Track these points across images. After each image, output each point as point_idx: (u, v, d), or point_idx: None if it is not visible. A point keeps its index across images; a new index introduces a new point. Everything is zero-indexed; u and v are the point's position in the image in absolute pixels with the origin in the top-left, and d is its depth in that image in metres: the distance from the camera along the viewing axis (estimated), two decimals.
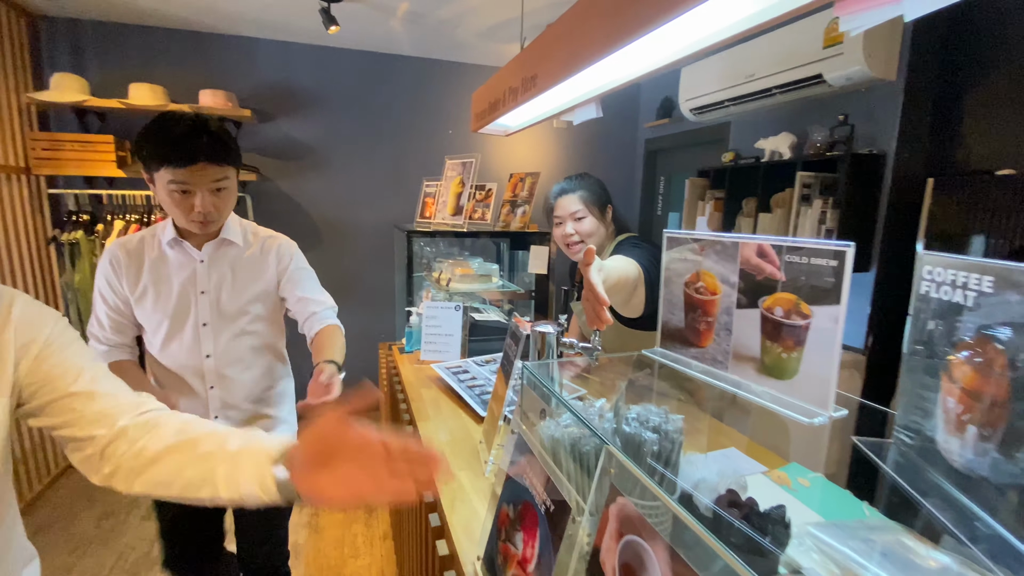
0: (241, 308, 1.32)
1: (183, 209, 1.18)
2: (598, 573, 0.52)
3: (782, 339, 0.69)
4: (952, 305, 0.48)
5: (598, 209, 1.56)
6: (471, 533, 0.93)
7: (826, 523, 0.85)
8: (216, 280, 1.30)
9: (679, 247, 0.89)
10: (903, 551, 0.74)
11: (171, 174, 1.12)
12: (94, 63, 2.79)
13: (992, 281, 0.44)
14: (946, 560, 0.72)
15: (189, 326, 1.28)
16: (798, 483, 1.00)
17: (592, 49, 1.09)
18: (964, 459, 0.47)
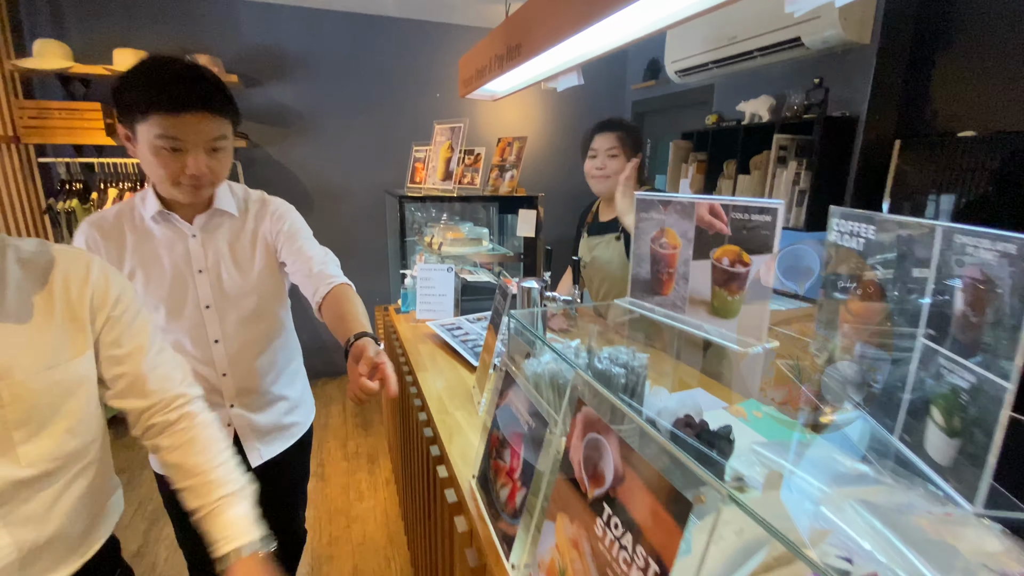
0: (248, 288, 1.15)
1: (171, 171, 0.96)
2: (567, 466, 0.65)
3: (728, 285, 0.82)
4: (848, 248, 0.60)
5: (631, 151, 1.68)
6: (467, 459, 1.07)
7: (768, 442, 1.00)
8: (213, 257, 1.12)
9: (648, 208, 1.00)
10: (831, 463, 0.90)
11: (160, 125, 0.91)
12: (76, 29, 2.76)
13: (874, 229, 0.55)
14: (865, 469, 0.87)
15: (189, 310, 1.10)
16: (753, 415, 1.15)
17: (575, 19, 1.16)
18: (855, 375, 0.60)
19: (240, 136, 3.00)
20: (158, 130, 0.92)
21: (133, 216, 1.08)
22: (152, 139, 0.93)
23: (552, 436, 0.72)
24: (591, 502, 0.59)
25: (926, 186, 2.16)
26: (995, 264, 0.41)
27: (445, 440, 1.16)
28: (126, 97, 0.92)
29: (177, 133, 0.93)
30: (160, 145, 0.93)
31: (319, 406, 3.24)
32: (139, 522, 2.15)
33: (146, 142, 0.93)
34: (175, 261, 1.09)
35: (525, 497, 0.77)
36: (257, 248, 1.17)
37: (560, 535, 0.64)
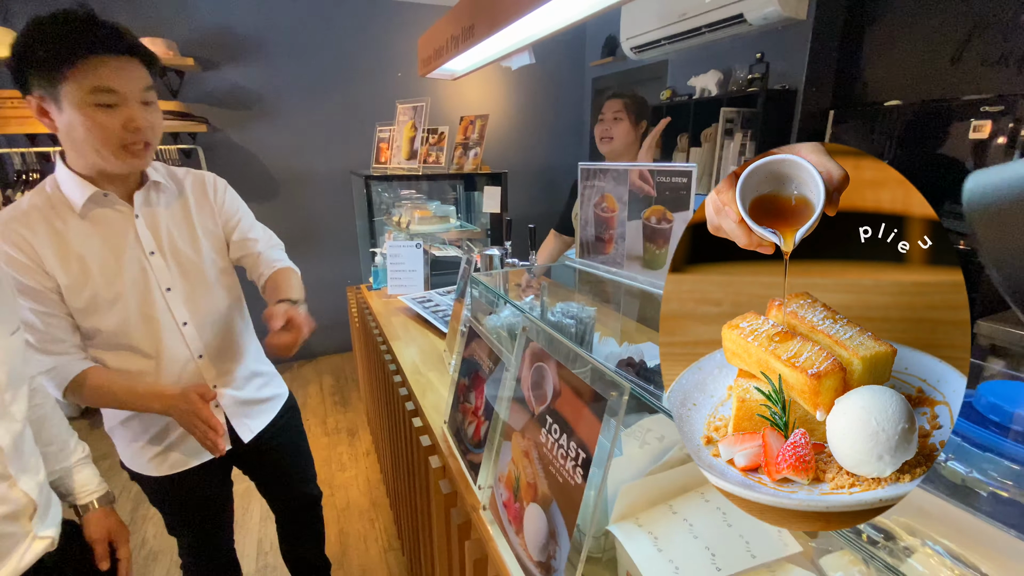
0: (206, 264, 1.10)
1: (111, 131, 0.87)
2: (520, 394, 0.78)
3: (655, 240, 0.95)
4: None
5: (635, 118, 1.84)
6: (438, 410, 1.19)
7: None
8: (165, 235, 1.04)
9: (590, 177, 1.12)
10: None
11: (92, 75, 0.83)
12: (21, 13, 2.66)
13: None
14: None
15: (152, 296, 1.02)
16: None
17: (521, 2, 1.25)
18: None
19: (200, 120, 2.98)
20: (93, 82, 0.83)
21: (55, 207, 0.94)
22: (85, 95, 0.83)
23: (507, 373, 0.84)
24: (537, 417, 0.72)
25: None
26: None
27: (419, 396, 1.27)
28: (41, 53, 0.81)
29: (110, 82, 0.84)
30: (95, 101, 0.84)
31: (296, 387, 3.32)
32: (125, 503, 2.21)
33: (75, 102, 0.83)
34: (123, 246, 0.98)
35: (488, 429, 0.89)
36: (206, 224, 1.12)
37: (515, 450, 0.77)
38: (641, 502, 0.71)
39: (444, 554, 1.01)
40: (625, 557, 0.65)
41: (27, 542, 0.75)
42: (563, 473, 0.64)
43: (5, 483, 0.71)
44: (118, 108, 0.87)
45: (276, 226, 3.60)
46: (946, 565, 0.52)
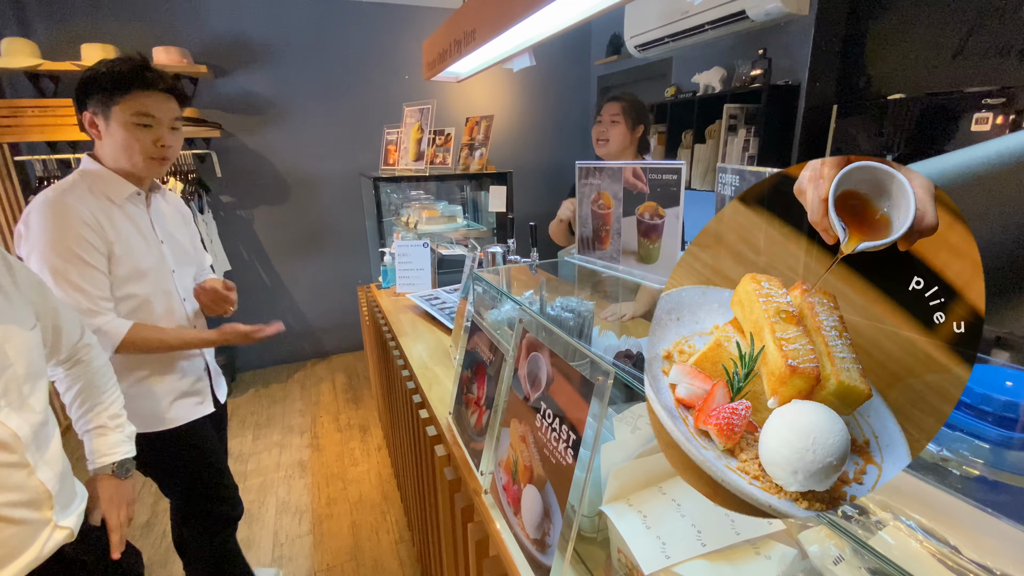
0: (191, 254, 1.40)
1: (143, 145, 1.14)
2: (517, 383, 0.82)
3: (649, 235, 0.98)
4: (729, 196, 0.77)
5: (632, 121, 1.86)
6: (444, 403, 1.23)
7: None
8: (166, 228, 1.31)
9: (587, 175, 1.15)
10: None
11: (138, 103, 1.10)
12: (42, 25, 2.76)
13: (738, 177, 0.71)
14: None
15: (164, 275, 1.27)
16: None
17: (521, 6, 1.29)
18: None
19: (213, 126, 3.06)
20: (137, 107, 1.11)
21: (96, 196, 1.16)
22: (129, 117, 1.11)
23: (506, 363, 0.88)
24: (532, 403, 0.76)
25: (863, 146, 2.35)
26: None
27: (426, 389, 1.32)
28: (103, 82, 1.09)
29: (151, 109, 1.13)
30: (135, 121, 1.12)
31: (310, 385, 3.39)
32: (146, 496, 2.29)
33: (121, 121, 1.12)
34: (146, 234, 1.25)
35: (489, 417, 0.93)
36: (183, 227, 1.41)
37: (513, 436, 0.81)
38: (632, 484, 0.74)
39: (450, 537, 1.06)
40: (616, 535, 0.69)
41: (47, 531, 0.79)
42: (556, 455, 0.68)
43: (24, 471, 0.76)
44: (152, 128, 1.15)
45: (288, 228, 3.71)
46: (916, 537, 0.55)
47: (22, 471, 0.76)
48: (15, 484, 0.75)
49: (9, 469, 0.74)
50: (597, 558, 0.77)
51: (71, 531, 0.83)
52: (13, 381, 0.76)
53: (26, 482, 0.76)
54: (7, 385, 0.75)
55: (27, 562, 0.76)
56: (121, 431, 1.02)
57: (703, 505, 0.71)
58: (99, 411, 0.99)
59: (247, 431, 2.84)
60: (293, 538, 2.03)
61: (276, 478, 2.42)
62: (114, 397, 1.03)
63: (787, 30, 2.50)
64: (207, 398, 1.40)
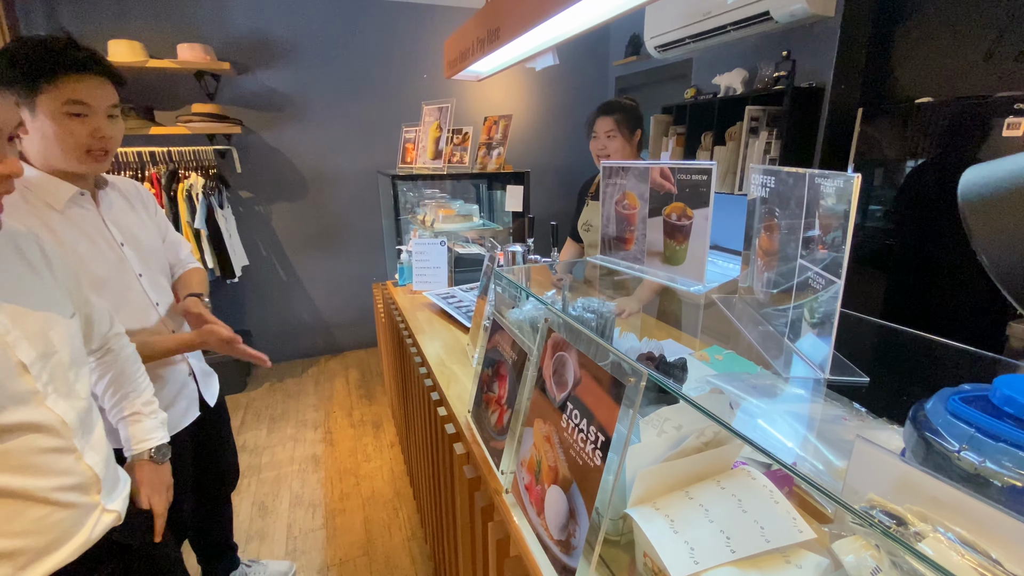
0: (157, 253, 1.27)
1: (79, 139, 0.99)
2: (541, 382, 0.81)
3: (676, 236, 0.97)
4: (762, 198, 0.75)
5: (628, 131, 1.84)
6: (462, 400, 1.23)
7: (720, 374, 1.17)
8: (124, 230, 1.17)
9: (612, 175, 1.14)
10: (773, 388, 1.06)
11: (69, 90, 0.95)
12: (69, 23, 2.82)
13: (774, 179, 0.70)
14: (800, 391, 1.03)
15: (128, 280, 1.15)
16: (715, 359, 1.32)
17: (547, 5, 1.29)
18: (763, 297, 0.76)
19: (234, 122, 3.09)
20: (66, 95, 0.95)
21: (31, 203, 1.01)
22: (59, 106, 0.96)
23: (529, 363, 0.88)
24: (558, 404, 0.75)
25: (888, 150, 2.31)
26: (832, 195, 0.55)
27: (444, 386, 1.32)
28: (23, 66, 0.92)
29: (83, 97, 0.97)
30: (67, 111, 0.96)
31: (323, 380, 3.42)
32: None
33: (50, 112, 0.95)
34: (99, 239, 1.10)
35: (510, 417, 0.93)
36: (148, 220, 1.27)
37: (537, 435, 0.80)
38: (658, 487, 0.73)
39: (468, 536, 1.05)
40: (642, 538, 0.68)
41: (96, 514, 0.81)
42: (583, 456, 0.68)
43: (72, 456, 0.77)
44: (86, 118, 0.99)
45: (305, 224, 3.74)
46: (956, 550, 0.53)
47: (70, 456, 0.77)
48: (64, 469, 0.76)
49: (59, 454, 0.75)
50: (621, 561, 0.77)
51: (118, 514, 0.85)
52: (59, 368, 0.77)
53: (75, 467, 0.78)
54: (53, 372, 0.76)
55: (78, 545, 0.77)
56: (155, 417, 1.04)
57: (732, 511, 0.70)
58: (132, 399, 1.01)
59: (262, 424, 2.87)
60: (307, 531, 2.05)
61: (290, 471, 2.44)
62: (145, 384, 1.05)
63: (812, 31, 2.46)
64: (193, 403, 1.32)
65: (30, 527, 0.72)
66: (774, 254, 0.71)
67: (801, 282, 0.66)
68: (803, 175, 0.63)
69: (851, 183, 0.54)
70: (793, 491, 0.89)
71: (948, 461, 0.59)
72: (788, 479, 0.86)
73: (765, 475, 0.78)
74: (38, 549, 0.73)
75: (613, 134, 1.83)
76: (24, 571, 0.71)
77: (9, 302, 0.73)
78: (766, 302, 0.78)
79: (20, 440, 0.71)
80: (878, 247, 2.32)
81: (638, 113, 1.88)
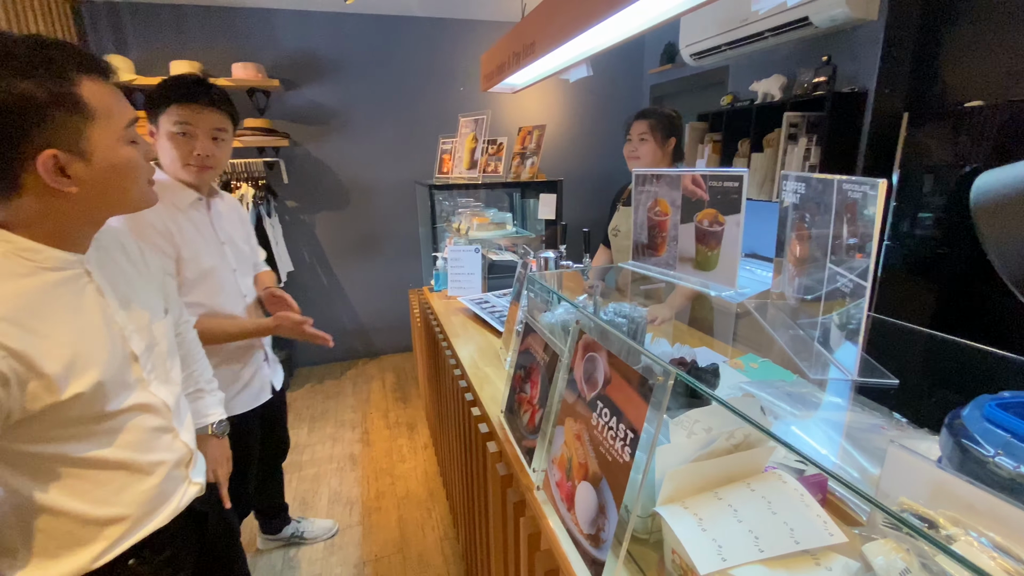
0: (247, 254, 1.51)
1: (182, 152, 1.22)
2: (572, 382, 0.84)
3: (707, 242, 0.98)
4: (794, 205, 0.76)
5: (661, 137, 1.85)
6: (495, 401, 1.27)
7: (754, 381, 1.16)
8: (227, 231, 1.41)
9: (644, 182, 1.17)
10: (809, 397, 1.05)
11: (176, 113, 1.18)
12: (135, 44, 3.05)
13: (804, 185, 0.71)
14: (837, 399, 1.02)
15: (226, 273, 1.38)
16: (749, 367, 1.31)
17: (582, 19, 1.33)
18: (794, 301, 0.77)
19: (282, 136, 3.26)
20: (176, 117, 1.20)
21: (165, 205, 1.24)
22: (169, 127, 1.20)
23: (561, 364, 0.91)
24: (589, 402, 0.78)
25: (936, 156, 2.23)
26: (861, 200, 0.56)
27: (477, 388, 1.36)
28: (154, 96, 1.21)
29: (189, 119, 1.21)
30: (175, 131, 1.20)
31: (360, 383, 3.53)
32: None
33: (165, 130, 1.21)
34: (209, 236, 1.35)
35: (542, 416, 0.96)
36: (241, 228, 1.51)
37: (568, 434, 0.83)
38: (687, 487, 0.75)
39: (500, 531, 1.09)
40: (670, 534, 0.70)
41: (184, 486, 0.91)
42: (612, 452, 0.70)
43: (170, 435, 0.88)
44: (191, 136, 1.23)
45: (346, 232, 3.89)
46: (989, 554, 0.53)
47: (170, 434, 0.87)
48: (166, 445, 0.86)
49: (162, 433, 0.85)
50: (649, 559, 0.78)
51: (201, 486, 0.95)
52: (159, 357, 0.87)
53: (173, 443, 0.88)
54: (155, 361, 0.85)
55: (171, 511, 0.87)
56: (215, 394, 1.15)
57: (761, 512, 0.71)
58: (196, 377, 1.11)
59: (303, 423, 2.99)
60: (344, 527, 2.12)
61: (329, 469, 2.53)
62: (205, 364, 1.16)
63: (853, 36, 2.41)
64: (265, 387, 1.54)
65: (137, 497, 0.81)
66: (805, 260, 0.72)
67: (831, 288, 0.67)
68: (832, 181, 0.64)
69: (877, 189, 0.55)
70: (826, 499, 0.88)
71: (984, 467, 0.58)
72: (821, 487, 0.85)
73: (799, 480, 0.78)
74: (139, 516, 0.81)
75: (645, 137, 1.84)
76: (127, 536, 0.80)
77: (125, 299, 0.82)
78: (797, 307, 0.78)
79: (134, 420, 0.80)
80: (929, 255, 2.24)
81: (676, 122, 1.88)
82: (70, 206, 0.70)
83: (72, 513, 0.74)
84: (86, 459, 0.74)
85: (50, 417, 0.68)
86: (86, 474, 0.75)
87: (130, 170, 0.74)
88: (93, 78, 0.69)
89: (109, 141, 0.70)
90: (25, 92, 0.62)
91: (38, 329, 0.67)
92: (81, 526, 0.75)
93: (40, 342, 0.66)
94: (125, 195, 0.75)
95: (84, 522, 0.75)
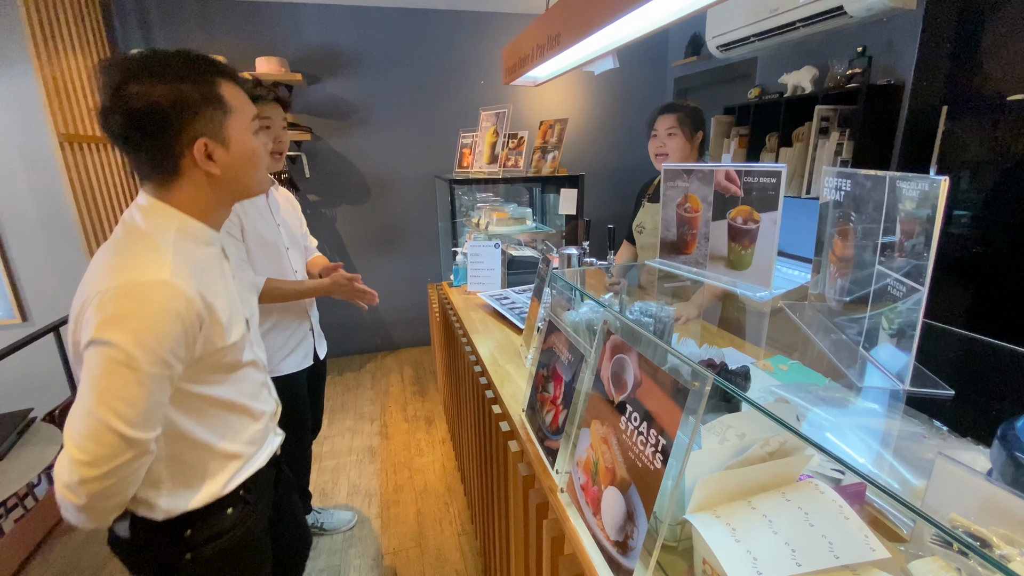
0: (299, 235, 1.71)
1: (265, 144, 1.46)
2: (598, 384, 0.82)
3: (741, 240, 0.95)
4: (836, 202, 0.73)
5: (690, 131, 1.80)
6: (516, 399, 1.25)
7: (785, 384, 1.13)
8: (282, 214, 1.63)
9: (673, 178, 1.13)
10: (843, 402, 1.01)
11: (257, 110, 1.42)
12: (160, 37, 3.09)
13: (849, 182, 0.67)
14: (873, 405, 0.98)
15: (280, 251, 1.58)
16: (779, 368, 1.27)
17: (609, 10, 1.29)
18: (835, 303, 0.73)
19: (304, 130, 3.28)
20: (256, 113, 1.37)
21: None
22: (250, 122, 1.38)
23: (586, 365, 0.89)
24: (617, 406, 0.76)
25: (975, 151, 2.13)
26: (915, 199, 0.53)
27: (498, 385, 1.34)
28: None
29: (268, 113, 1.45)
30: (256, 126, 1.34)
31: (379, 376, 3.55)
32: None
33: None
34: (268, 218, 1.56)
35: (565, 417, 0.94)
36: (294, 214, 1.72)
37: (594, 436, 0.81)
38: (719, 495, 0.72)
39: (521, 532, 1.07)
40: (702, 544, 0.68)
41: (272, 434, 1.04)
42: (642, 459, 0.68)
43: (267, 388, 1.03)
44: (270, 129, 1.47)
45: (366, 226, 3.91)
46: None
47: (267, 388, 1.03)
48: (267, 397, 1.02)
49: (263, 387, 1.01)
50: (678, 567, 0.76)
51: (283, 436, 1.09)
52: (255, 327, 1.02)
53: (269, 396, 1.03)
54: (253, 331, 1.00)
55: (267, 454, 1.00)
56: None
57: (797, 523, 0.68)
58: None
59: (323, 414, 3.02)
60: (363, 519, 2.14)
61: (348, 461, 2.55)
62: None
63: (890, 26, 2.32)
64: (309, 353, 1.72)
65: (251, 437, 0.96)
66: (849, 260, 0.69)
67: (879, 289, 0.63)
68: (883, 178, 0.60)
69: (937, 187, 0.51)
70: (863, 508, 0.85)
71: None
72: (859, 496, 0.82)
73: (835, 490, 0.75)
74: (250, 455, 0.96)
75: (674, 131, 1.79)
76: (241, 472, 0.94)
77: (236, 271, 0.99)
78: (839, 310, 0.75)
79: (250, 372, 0.95)
80: (965, 255, 2.15)
81: (701, 115, 1.83)
82: (212, 188, 0.85)
83: (207, 445, 0.88)
84: (222, 401, 0.89)
85: (211, 361, 0.84)
86: (220, 414, 0.89)
87: (256, 156, 0.90)
88: (227, 81, 0.85)
89: (241, 131, 0.86)
90: (184, 93, 0.78)
91: (212, 288, 0.83)
92: (211, 458, 0.89)
93: (214, 299, 0.82)
94: (252, 179, 0.91)
95: (213, 455, 0.89)
